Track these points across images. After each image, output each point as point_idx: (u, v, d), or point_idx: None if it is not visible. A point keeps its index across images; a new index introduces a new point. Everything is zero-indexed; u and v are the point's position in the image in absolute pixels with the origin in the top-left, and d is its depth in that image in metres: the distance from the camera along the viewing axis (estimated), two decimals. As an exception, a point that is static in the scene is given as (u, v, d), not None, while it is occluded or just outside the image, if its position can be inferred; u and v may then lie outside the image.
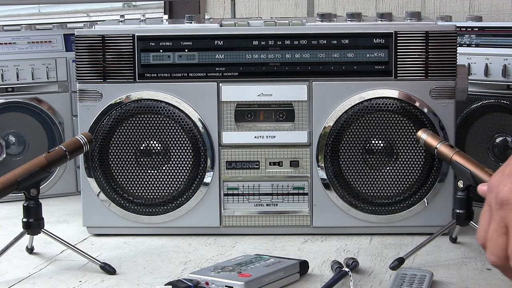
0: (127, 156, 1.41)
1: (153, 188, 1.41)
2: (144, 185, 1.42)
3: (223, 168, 1.41)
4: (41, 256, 1.32)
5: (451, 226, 1.31)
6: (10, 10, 2.17)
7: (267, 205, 1.42)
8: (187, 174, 1.40)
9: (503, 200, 0.89)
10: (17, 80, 1.69)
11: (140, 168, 1.41)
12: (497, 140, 1.55)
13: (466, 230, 1.35)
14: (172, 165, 1.41)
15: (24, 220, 1.24)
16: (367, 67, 1.38)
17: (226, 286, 1.08)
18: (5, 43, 1.69)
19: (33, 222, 1.24)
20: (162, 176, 1.41)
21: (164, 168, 1.41)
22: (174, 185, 1.41)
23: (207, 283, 1.10)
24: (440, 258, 1.29)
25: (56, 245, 1.29)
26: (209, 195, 1.41)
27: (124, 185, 1.41)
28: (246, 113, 1.41)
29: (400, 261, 1.22)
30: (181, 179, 1.41)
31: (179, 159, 1.40)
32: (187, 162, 1.40)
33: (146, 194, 1.42)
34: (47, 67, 1.71)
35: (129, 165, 1.41)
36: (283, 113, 1.41)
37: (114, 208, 1.41)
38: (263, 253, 1.24)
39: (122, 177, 1.41)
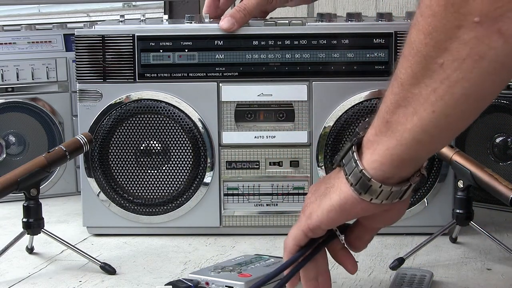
0: (127, 156, 1.41)
1: (153, 188, 1.41)
2: (144, 185, 1.41)
3: (223, 168, 1.41)
4: (41, 256, 1.32)
5: (451, 226, 1.31)
6: (10, 10, 2.17)
7: (267, 205, 1.42)
8: (187, 174, 1.40)
9: None
10: (17, 80, 1.69)
11: (140, 168, 1.41)
12: (497, 140, 1.55)
13: (466, 230, 1.35)
14: (172, 165, 1.41)
15: (24, 220, 1.24)
16: (367, 67, 1.38)
17: (226, 286, 1.08)
18: (5, 43, 1.69)
19: (33, 222, 1.24)
20: (162, 176, 1.41)
21: (164, 168, 1.41)
22: (174, 185, 1.41)
23: (207, 283, 1.09)
24: (440, 258, 1.29)
25: (56, 245, 1.29)
26: (209, 195, 1.41)
27: (124, 185, 1.41)
28: (246, 113, 1.41)
29: (400, 261, 1.22)
30: (181, 179, 1.41)
31: (179, 159, 1.40)
32: (187, 162, 1.40)
33: (146, 194, 1.41)
34: (47, 67, 1.71)
35: (129, 165, 1.41)
36: (283, 113, 1.41)
37: (114, 208, 1.41)
38: (263, 253, 1.24)
39: (122, 177, 1.41)
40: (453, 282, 1.17)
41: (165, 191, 1.41)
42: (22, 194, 1.24)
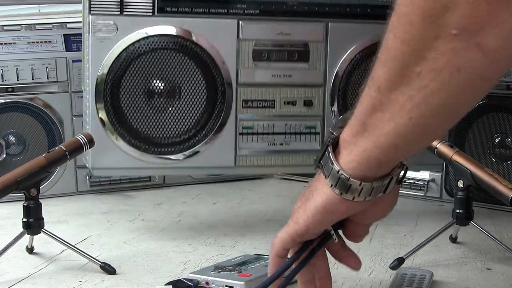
0: (139, 94, 1.36)
1: (167, 126, 1.38)
2: (158, 124, 1.38)
3: (239, 106, 1.40)
4: (41, 256, 1.32)
5: (451, 226, 1.31)
6: (10, 10, 2.17)
7: (280, 144, 1.41)
8: (203, 112, 1.38)
9: None
10: (17, 80, 1.69)
11: (154, 107, 1.37)
12: (497, 140, 1.56)
13: (466, 230, 1.35)
14: (188, 103, 1.38)
15: (24, 220, 1.24)
16: (381, 11, 1.38)
17: (226, 286, 1.08)
18: (5, 43, 1.69)
19: (33, 222, 1.24)
20: (177, 115, 1.38)
21: (178, 106, 1.38)
22: (189, 124, 1.39)
23: (207, 283, 1.10)
24: (440, 258, 1.29)
25: (56, 245, 1.29)
26: (225, 134, 1.39)
27: (136, 125, 1.37)
28: (264, 52, 1.40)
29: (400, 261, 1.22)
30: (196, 118, 1.38)
31: (195, 97, 1.38)
32: (203, 100, 1.38)
33: (160, 133, 1.38)
34: (47, 67, 1.71)
35: (142, 104, 1.36)
36: (299, 53, 1.40)
37: (126, 148, 1.37)
38: (263, 253, 1.24)
39: (134, 116, 1.37)
40: (453, 282, 1.17)
41: (179, 129, 1.38)
42: (22, 194, 1.24)
